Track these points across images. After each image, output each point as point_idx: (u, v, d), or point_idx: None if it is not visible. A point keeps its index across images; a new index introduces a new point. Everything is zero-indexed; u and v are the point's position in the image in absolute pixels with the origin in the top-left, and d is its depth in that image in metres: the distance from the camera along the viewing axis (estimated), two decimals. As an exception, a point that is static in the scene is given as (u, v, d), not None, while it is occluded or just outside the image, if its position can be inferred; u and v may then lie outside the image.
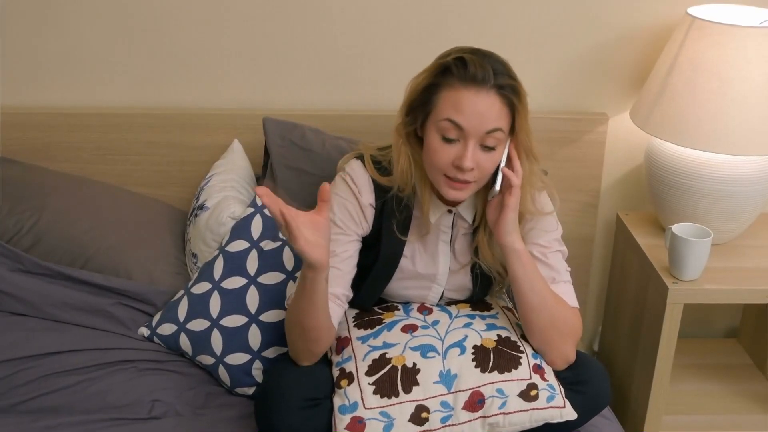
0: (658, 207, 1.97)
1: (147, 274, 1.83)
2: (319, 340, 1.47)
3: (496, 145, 1.46)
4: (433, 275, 1.64)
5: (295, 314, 1.45)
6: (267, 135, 1.90)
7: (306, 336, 1.47)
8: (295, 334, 1.49)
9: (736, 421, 2.00)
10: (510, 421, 1.44)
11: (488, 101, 1.42)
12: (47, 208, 1.86)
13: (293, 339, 1.50)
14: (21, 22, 1.98)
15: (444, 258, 1.63)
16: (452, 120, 1.43)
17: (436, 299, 1.66)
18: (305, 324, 1.45)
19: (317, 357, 1.51)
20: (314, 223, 1.34)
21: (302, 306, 1.43)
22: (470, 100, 1.42)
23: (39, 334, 1.71)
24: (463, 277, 1.65)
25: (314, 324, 1.44)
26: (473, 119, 1.42)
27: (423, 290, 1.65)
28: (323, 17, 1.98)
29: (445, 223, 1.61)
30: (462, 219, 1.61)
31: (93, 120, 2.02)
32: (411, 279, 1.64)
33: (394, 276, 1.63)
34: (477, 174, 1.46)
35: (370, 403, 1.43)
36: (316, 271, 1.36)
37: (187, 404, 1.66)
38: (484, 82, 1.42)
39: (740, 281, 1.82)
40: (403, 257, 1.61)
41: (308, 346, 1.48)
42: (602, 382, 1.57)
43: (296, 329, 1.47)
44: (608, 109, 2.06)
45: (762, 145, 1.77)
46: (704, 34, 1.76)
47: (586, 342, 2.34)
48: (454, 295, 1.67)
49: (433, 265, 1.63)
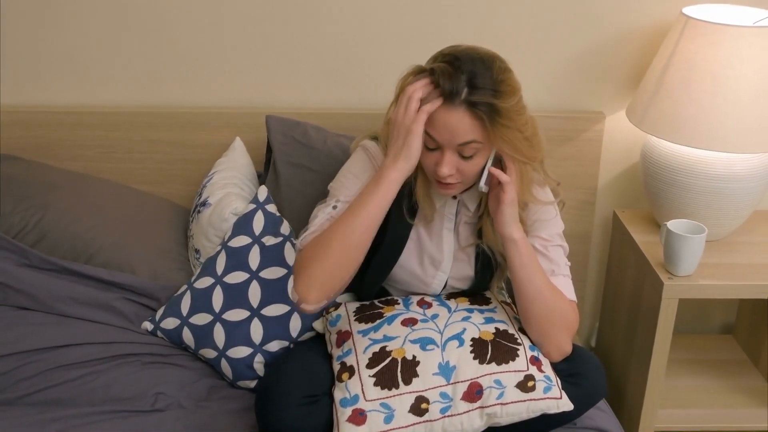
0: (654, 204, 2.00)
1: (150, 269, 1.86)
2: (353, 264, 1.49)
3: (474, 153, 1.47)
4: (438, 262, 1.66)
5: (342, 233, 1.47)
6: (270, 132, 1.93)
7: (342, 258, 1.47)
8: (326, 261, 1.46)
9: (731, 415, 2.03)
10: (507, 412, 1.46)
11: (457, 116, 1.42)
12: (52, 205, 1.89)
13: (321, 266, 1.47)
14: (24, 21, 2.01)
15: (448, 245, 1.66)
16: (427, 131, 1.46)
17: (439, 287, 1.69)
18: (353, 239, 1.46)
19: (331, 294, 1.49)
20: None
21: (360, 219, 1.46)
22: (440, 114, 1.44)
23: (44, 328, 1.74)
24: (466, 266, 1.67)
25: (364, 238, 1.47)
26: (444, 133, 1.45)
27: (428, 277, 1.67)
28: (324, 17, 2.01)
29: (449, 210, 1.64)
30: (466, 207, 1.64)
31: (96, 119, 2.05)
32: (416, 264, 1.66)
33: (398, 261, 1.65)
34: (459, 177, 1.50)
35: (370, 395, 1.46)
36: (407, 169, 1.46)
37: (190, 397, 1.68)
38: (452, 98, 1.42)
39: (734, 277, 1.85)
40: (409, 240, 1.64)
41: (335, 274, 1.47)
42: (598, 374, 1.60)
43: (334, 252, 1.46)
44: (605, 107, 2.09)
45: (755, 142, 1.79)
46: (699, 34, 1.79)
47: (583, 338, 2.36)
48: (458, 284, 1.70)
49: (438, 251, 1.66)
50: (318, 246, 1.49)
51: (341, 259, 1.48)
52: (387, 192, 1.49)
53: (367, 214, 1.48)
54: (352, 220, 1.49)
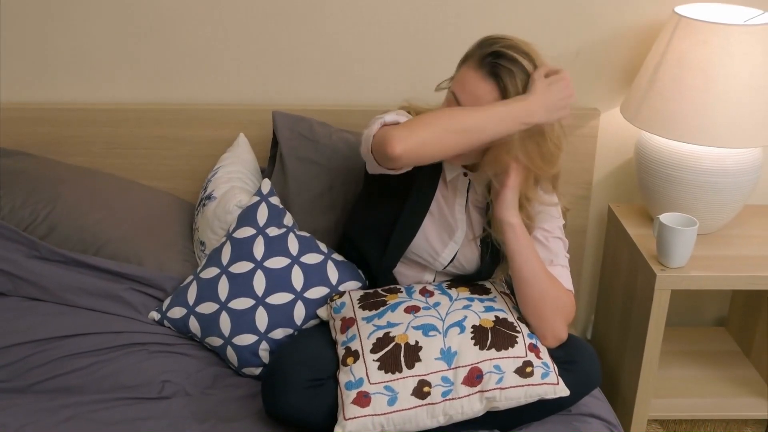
0: (648, 198, 2.05)
1: (157, 261, 1.89)
2: (450, 148, 1.50)
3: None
4: (453, 230, 1.71)
5: (460, 118, 1.50)
6: (277, 127, 1.97)
7: (448, 138, 1.49)
8: (435, 130, 1.48)
9: (723, 404, 2.07)
10: (506, 396, 1.50)
11: (487, 89, 1.51)
12: (61, 199, 1.92)
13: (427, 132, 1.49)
14: (31, 19, 2.04)
15: (461, 216, 1.71)
16: (455, 94, 1.54)
17: (447, 259, 1.73)
18: (466, 130, 1.49)
19: (417, 156, 1.49)
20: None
21: (479, 116, 1.49)
22: (474, 81, 1.52)
23: (54, 318, 1.77)
24: (475, 249, 1.73)
25: (473, 136, 1.49)
26: (470, 100, 1.52)
27: (441, 244, 1.72)
28: (326, 16, 2.05)
29: (461, 187, 1.70)
30: (474, 189, 1.70)
31: (103, 115, 2.09)
32: (433, 229, 1.71)
33: (421, 227, 1.70)
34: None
35: (374, 378, 1.50)
36: (532, 122, 1.50)
37: (196, 385, 1.72)
38: (493, 74, 1.50)
39: (725, 268, 1.89)
40: (431, 203, 1.69)
41: (434, 145, 1.49)
42: (592, 362, 1.64)
43: (445, 129, 1.49)
44: (599, 104, 2.13)
45: (745, 138, 1.84)
46: (690, 32, 1.83)
47: (579, 330, 2.40)
48: (464, 263, 1.74)
49: (452, 219, 1.71)
50: (431, 118, 1.50)
51: (446, 138, 1.49)
52: (519, 121, 1.49)
53: (490, 122, 1.49)
54: (475, 116, 1.49)
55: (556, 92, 1.52)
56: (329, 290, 1.78)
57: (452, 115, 1.52)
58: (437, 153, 1.51)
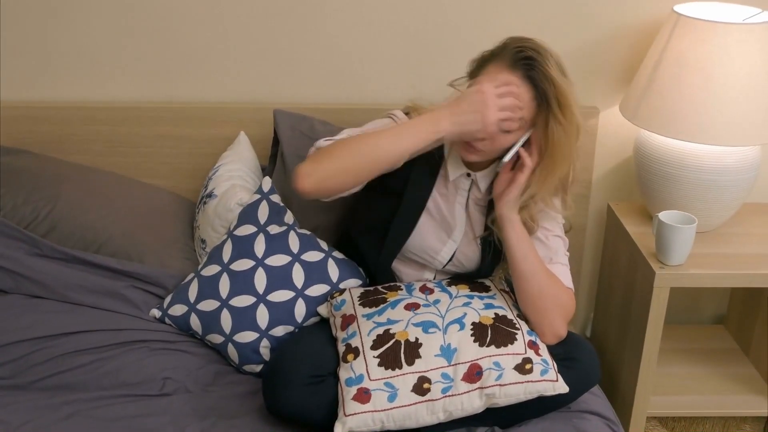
0: (647, 196, 2.05)
1: (158, 259, 1.90)
2: (357, 177, 1.54)
3: (512, 130, 1.56)
4: (451, 229, 1.72)
5: (365, 144, 1.53)
6: (278, 126, 1.98)
7: (353, 166, 1.52)
8: (339, 160, 1.52)
9: (721, 401, 2.08)
10: (506, 393, 1.51)
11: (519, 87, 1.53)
12: (62, 196, 1.93)
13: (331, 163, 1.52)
14: (32, 17, 2.05)
15: (460, 215, 1.72)
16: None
17: (446, 258, 1.74)
18: (373, 154, 1.52)
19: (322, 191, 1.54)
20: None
21: (388, 140, 1.52)
22: (504, 78, 1.53)
23: (56, 315, 1.78)
24: (475, 248, 1.74)
25: (382, 160, 1.53)
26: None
27: (439, 242, 1.73)
28: (326, 16, 2.05)
29: (463, 186, 1.71)
30: (477, 187, 1.71)
31: (104, 114, 2.09)
32: (431, 228, 1.72)
33: (417, 224, 1.71)
34: (488, 145, 1.57)
35: (375, 374, 1.51)
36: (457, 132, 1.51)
37: (197, 382, 1.72)
38: (526, 70, 1.52)
39: (724, 266, 1.90)
40: (427, 202, 1.70)
41: (339, 176, 1.53)
42: (591, 359, 1.65)
43: (350, 156, 1.52)
44: (599, 103, 2.14)
45: (744, 136, 1.85)
46: (689, 31, 1.84)
47: (578, 328, 2.41)
48: (464, 261, 1.75)
49: (451, 218, 1.72)
50: (337, 147, 1.54)
51: (352, 165, 1.52)
52: (426, 131, 1.52)
53: (396, 139, 1.52)
54: (379, 137, 1.53)
55: (467, 104, 1.52)
56: (330, 288, 1.78)
57: (356, 141, 1.54)
58: (347, 181, 1.55)
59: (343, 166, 1.53)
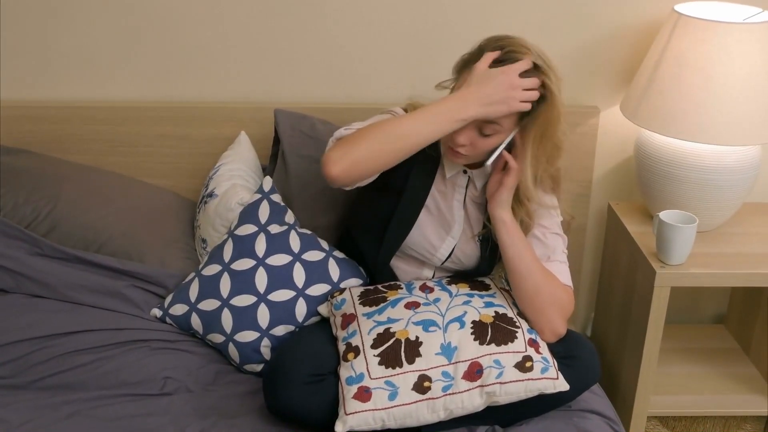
0: (647, 196, 2.05)
1: (158, 259, 1.90)
2: (385, 161, 1.54)
3: (493, 134, 1.56)
4: (449, 226, 1.72)
5: (392, 128, 1.53)
6: (278, 125, 1.98)
7: (382, 151, 1.52)
8: (368, 144, 1.52)
9: (721, 401, 2.08)
10: (506, 391, 1.51)
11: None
12: (62, 196, 1.93)
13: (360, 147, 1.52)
14: (32, 17, 2.05)
15: (458, 212, 1.72)
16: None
17: (445, 254, 1.74)
18: (400, 139, 1.52)
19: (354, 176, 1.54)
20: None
21: (414, 124, 1.52)
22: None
23: (56, 314, 1.78)
24: (474, 245, 1.74)
25: (409, 143, 1.52)
26: None
27: (438, 239, 1.73)
28: (326, 16, 2.06)
29: (460, 184, 1.71)
30: (474, 185, 1.71)
31: (104, 113, 2.10)
32: (429, 225, 1.72)
33: (416, 220, 1.71)
34: (470, 150, 1.58)
35: (375, 373, 1.51)
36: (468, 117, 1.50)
37: (198, 381, 1.72)
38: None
39: (724, 266, 1.90)
40: (427, 198, 1.71)
41: (368, 161, 1.52)
42: (591, 357, 1.65)
43: (378, 141, 1.52)
44: (599, 102, 2.14)
45: (744, 135, 1.85)
46: (689, 31, 1.84)
47: (579, 327, 2.41)
48: (463, 258, 1.75)
49: (449, 215, 1.72)
50: (363, 133, 1.54)
51: (380, 150, 1.52)
52: (452, 117, 1.50)
53: (423, 123, 1.52)
54: (405, 122, 1.53)
55: (494, 85, 1.50)
56: (330, 287, 1.78)
57: (383, 126, 1.54)
58: (376, 166, 1.54)
59: (371, 151, 1.52)
